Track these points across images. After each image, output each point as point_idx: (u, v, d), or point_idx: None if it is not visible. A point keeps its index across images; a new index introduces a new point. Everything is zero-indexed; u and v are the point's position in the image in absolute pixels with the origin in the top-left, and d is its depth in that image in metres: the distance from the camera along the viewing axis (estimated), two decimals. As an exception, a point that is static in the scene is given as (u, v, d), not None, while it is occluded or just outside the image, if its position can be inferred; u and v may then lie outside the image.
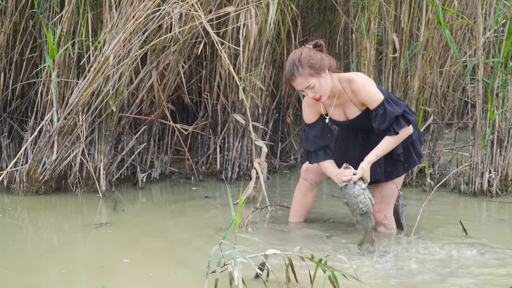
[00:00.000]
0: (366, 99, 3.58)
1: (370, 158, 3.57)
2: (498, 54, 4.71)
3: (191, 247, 3.58)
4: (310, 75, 3.47)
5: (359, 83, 3.56)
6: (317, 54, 3.50)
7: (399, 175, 3.79)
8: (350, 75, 3.62)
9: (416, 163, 3.81)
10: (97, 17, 4.77)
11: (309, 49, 3.52)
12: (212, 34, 4.31)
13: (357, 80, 3.57)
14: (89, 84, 4.47)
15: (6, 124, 5.14)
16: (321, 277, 2.90)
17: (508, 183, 4.86)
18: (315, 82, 3.47)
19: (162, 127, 5.47)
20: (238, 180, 5.19)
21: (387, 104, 3.56)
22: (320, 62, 3.48)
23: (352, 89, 3.57)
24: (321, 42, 3.57)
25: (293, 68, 3.48)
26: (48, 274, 3.16)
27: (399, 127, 3.58)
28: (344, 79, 3.61)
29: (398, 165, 3.75)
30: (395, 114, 3.55)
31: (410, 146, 3.77)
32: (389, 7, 4.84)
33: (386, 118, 3.55)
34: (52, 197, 4.57)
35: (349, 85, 3.59)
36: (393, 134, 3.58)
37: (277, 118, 5.63)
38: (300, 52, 3.50)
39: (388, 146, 3.60)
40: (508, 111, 4.81)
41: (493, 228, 4.12)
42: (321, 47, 3.56)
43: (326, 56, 3.55)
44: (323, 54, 3.53)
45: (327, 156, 3.71)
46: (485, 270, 3.28)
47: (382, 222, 3.86)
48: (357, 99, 3.60)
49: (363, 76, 3.63)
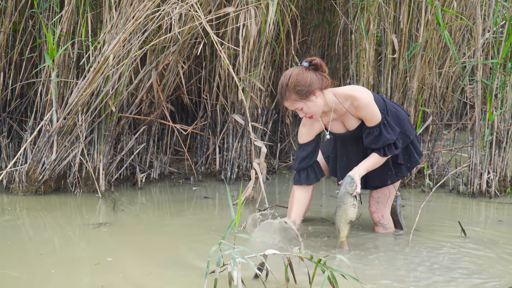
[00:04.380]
0: (367, 117, 3.61)
1: (361, 172, 3.60)
2: (497, 55, 4.72)
3: (190, 247, 3.58)
4: (296, 100, 3.50)
5: (362, 102, 3.55)
6: (306, 78, 3.48)
7: (404, 176, 3.84)
8: (350, 92, 3.59)
9: (418, 162, 3.85)
10: (97, 17, 4.77)
11: (300, 71, 3.50)
12: (211, 35, 4.31)
13: (360, 97, 3.55)
14: (89, 84, 4.48)
15: (5, 124, 5.15)
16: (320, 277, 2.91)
17: (506, 184, 4.87)
18: (302, 105, 3.52)
19: (162, 127, 5.48)
20: (238, 181, 5.19)
21: (384, 127, 3.61)
22: (307, 88, 3.48)
23: (354, 106, 3.58)
24: (317, 61, 3.54)
25: (280, 91, 3.53)
26: (47, 274, 3.16)
27: (390, 153, 3.65)
28: (342, 95, 3.59)
29: (402, 166, 3.80)
30: (389, 141, 3.61)
31: (410, 146, 3.79)
32: (389, 8, 4.85)
33: (379, 140, 3.60)
34: (51, 197, 4.58)
35: (350, 102, 3.58)
36: (382, 155, 3.64)
37: (276, 118, 5.64)
38: (289, 75, 3.50)
39: (376, 163, 3.65)
40: (507, 112, 4.81)
41: (491, 229, 4.12)
42: (315, 66, 3.54)
43: (319, 77, 3.52)
44: (314, 75, 3.50)
45: (308, 181, 3.75)
46: (484, 271, 3.28)
47: (379, 222, 3.88)
48: (357, 113, 3.61)
49: (365, 92, 3.61)
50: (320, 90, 3.52)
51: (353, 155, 3.77)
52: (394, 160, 3.76)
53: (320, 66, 3.54)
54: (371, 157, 3.64)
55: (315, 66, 3.53)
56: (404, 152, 3.79)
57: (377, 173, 3.74)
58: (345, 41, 5.82)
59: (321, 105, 3.55)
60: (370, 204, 3.88)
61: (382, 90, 4.99)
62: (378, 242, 3.72)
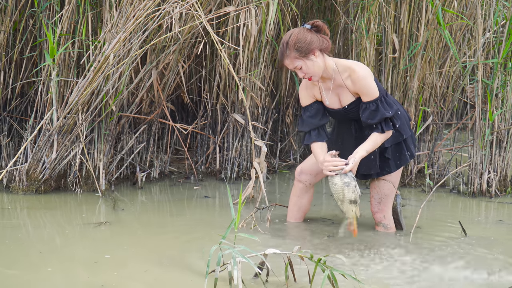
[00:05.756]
0: (363, 90, 3.61)
1: (361, 153, 3.58)
2: (497, 54, 4.72)
3: (190, 247, 3.58)
4: (296, 57, 3.55)
5: (360, 74, 3.58)
6: (306, 37, 3.54)
7: (391, 172, 3.81)
8: (351, 63, 3.64)
9: (408, 161, 3.83)
10: (97, 16, 4.77)
11: (301, 31, 3.57)
12: (212, 34, 4.31)
13: (358, 70, 3.59)
14: (89, 83, 4.47)
15: (5, 123, 5.14)
16: (320, 277, 2.91)
17: (507, 183, 4.87)
18: (301, 64, 3.56)
19: (162, 126, 5.48)
20: (238, 180, 5.19)
21: (380, 103, 3.61)
22: (307, 45, 3.54)
23: (352, 78, 3.60)
24: (318, 22, 3.61)
25: (281, 49, 3.59)
26: (47, 273, 3.16)
27: (387, 128, 3.63)
28: (343, 65, 3.63)
29: (390, 161, 3.78)
30: (386, 115, 3.60)
31: (402, 143, 3.79)
32: (389, 8, 4.84)
33: (376, 115, 3.59)
34: (51, 196, 4.58)
35: (348, 73, 3.61)
36: (380, 131, 3.62)
37: (276, 118, 5.64)
38: (290, 33, 3.58)
39: (376, 142, 3.63)
40: (507, 112, 4.81)
41: (492, 228, 4.12)
42: (317, 28, 3.60)
43: (320, 38, 3.58)
44: (315, 35, 3.57)
45: (320, 138, 3.73)
46: (484, 271, 3.28)
47: (381, 222, 3.88)
48: (354, 87, 3.62)
49: (364, 67, 3.65)
50: (320, 51, 3.58)
51: (347, 141, 3.77)
52: (382, 152, 3.74)
53: (322, 29, 3.62)
54: (370, 137, 3.63)
55: (316, 28, 3.61)
56: (395, 148, 3.78)
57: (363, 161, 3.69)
58: (346, 41, 5.81)
59: (321, 66, 3.59)
60: (372, 205, 3.88)
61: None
62: (378, 242, 3.72)
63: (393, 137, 3.73)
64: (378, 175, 3.80)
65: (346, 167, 3.48)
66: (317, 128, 3.74)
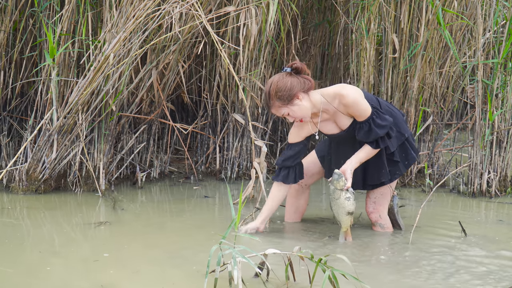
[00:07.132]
0: (356, 113, 3.63)
1: (354, 165, 3.65)
2: (497, 55, 4.72)
3: (190, 247, 3.58)
4: (280, 106, 3.58)
5: (349, 99, 3.57)
6: (286, 83, 3.54)
7: (402, 173, 3.86)
8: (337, 89, 3.62)
9: (415, 159, 3.87)
10: (97, 16, 4.77)
11: (280, 78, 3.57)
12: (212, 34, 4.31)
13: (347, 94, 3.58)
14: (89, 83, 4.47)
15: (5, 122, 5.14)
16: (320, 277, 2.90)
17: (507, 183, 4.87)
18: (287, 110, 3.59)
19: (162, 126, 5.48)
20: (238, 180, 5.19)
21: (373, 122, 3.62)
22: (289, 92, 3.53)
23: (343, 103, 3.60)
24: (297, 64, 3.59)
25: (265, 100, 3.63)
26: (47, 273, 3.16)
27: (383, 144, 3.67)
28: (330, 94, 3.62)
29: (399, 164, 3.79)
30: (379, 135, 3.63)
31: (406, 143, 3.81)
32: (389, 8, 4.84)
33: (370, 135, 3.63)
34: (51, 196, 4.58)
35: (338, 99, 3.61)
36: (374, 147, 3.67)
37: (276, 118, 5.64)
38: (270, 83, 3.58)
39: (368, 155, 3.68)
40: (507, 112, 4.81)
41: (492, 228, 4.12)
42: (297, 70, 3.59)
43: (301, 79, 3.57)
44: (295, 79, 3.56)
45: (286, 180, 3.79)
46: (484, 271, 3.28)
47: (377, 222, 3.89)
48: (347, 110, 3.63)
49: (351, 88, 3.62)
50: (304, 92, 3.57)
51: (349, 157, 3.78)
52: (390, 157, 3.76)
53: (302, 69, 3.60)
54: (363, 148, 3.67)
55: (296, 70, 3.59)
56: (400, 149, 3.80)
57: (371, 172, 3.77)
58: (346, 41, 5.81)
59: (308, 107, 3.59)
60: (367, 205, 3.89)
61: (382, 90, 4.99)
62: (378, 242, 3.72)
63: (397, 139, 3.74)
64: (390, 180, 3.82)
65: (348, 183, 3.59)
66: (289, 168, 3.79)
